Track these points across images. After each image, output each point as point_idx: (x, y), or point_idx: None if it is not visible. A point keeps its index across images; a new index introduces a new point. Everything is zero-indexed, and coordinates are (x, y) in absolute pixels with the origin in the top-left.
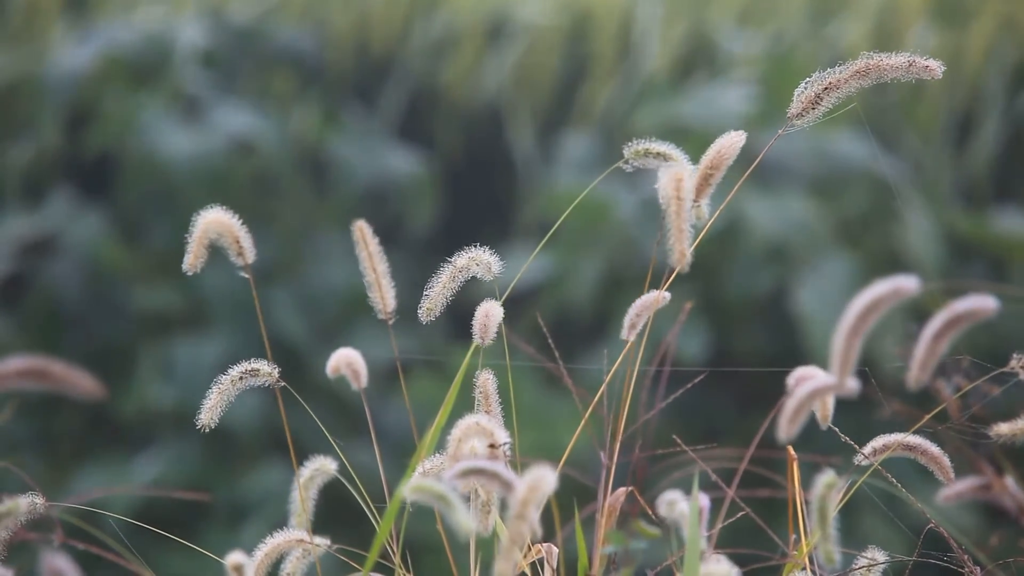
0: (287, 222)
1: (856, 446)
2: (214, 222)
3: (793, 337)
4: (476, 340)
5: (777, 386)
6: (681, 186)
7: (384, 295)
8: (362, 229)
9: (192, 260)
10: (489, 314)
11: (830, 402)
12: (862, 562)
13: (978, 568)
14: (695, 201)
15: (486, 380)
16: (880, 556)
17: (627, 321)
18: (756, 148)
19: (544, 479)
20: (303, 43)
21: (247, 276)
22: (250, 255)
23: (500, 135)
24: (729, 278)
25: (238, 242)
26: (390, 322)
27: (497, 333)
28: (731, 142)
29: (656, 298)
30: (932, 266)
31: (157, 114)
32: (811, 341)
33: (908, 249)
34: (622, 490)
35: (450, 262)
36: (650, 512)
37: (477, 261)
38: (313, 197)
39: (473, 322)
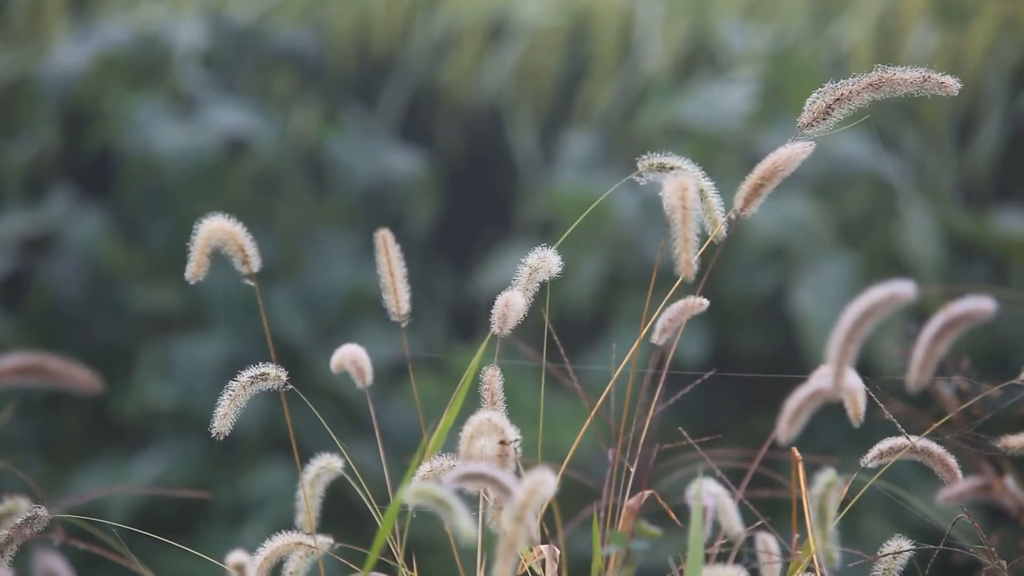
0: (287, 222)
1: (860, 449)
2: (217, 229)
3: (793, 338)
4: (494, 330)
5: (777, 387)
6: (686, 195)
7: (399, 298)
8: (385, 238)
9: (195, 269)
10: (509, 303)
11: (861, 401)
12: (889, 548)
13: (983, 567)
14: (743, 210)
15: (492, 377)
16: (906, 544)
17: (659, 326)
18: (757, 148)
19: (544, 483)
20: (303, 43)
21: (252, 284)
22: (255, 263)
23: (500, 135)
24: (729, 278)
25: (243, 250)
26: (403, 325)
27: (497, 332)
28: (789, 154)
29: (692, 304)
30: (933, 267)
31: (155, 113)
32: (810, 342)
33: (909, 250)
34: (643, 492)
35: (524, 263)
36: (666, 509)
37: (544, 260)
38: (313, 197)
39: (492, 311)
